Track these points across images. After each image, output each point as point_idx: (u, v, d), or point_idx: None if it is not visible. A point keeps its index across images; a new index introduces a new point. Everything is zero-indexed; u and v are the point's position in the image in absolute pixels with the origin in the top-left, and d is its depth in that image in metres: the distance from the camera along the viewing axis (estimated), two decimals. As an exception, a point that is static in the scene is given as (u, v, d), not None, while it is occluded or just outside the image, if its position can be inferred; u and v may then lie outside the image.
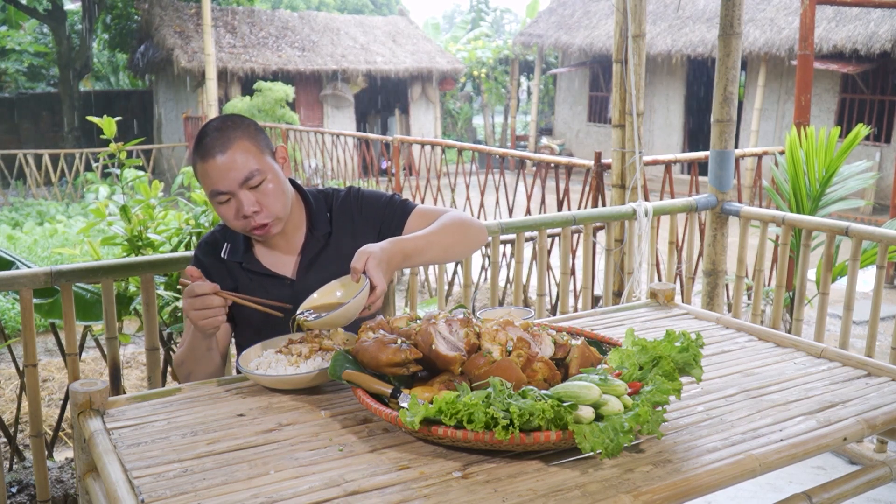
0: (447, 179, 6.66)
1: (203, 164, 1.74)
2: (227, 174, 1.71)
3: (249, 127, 1.77)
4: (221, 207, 1.76)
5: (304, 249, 1.87)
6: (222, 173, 1.71)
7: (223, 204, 1.75)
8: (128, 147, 3.15)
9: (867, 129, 4.29)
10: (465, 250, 1.90)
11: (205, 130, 1.76)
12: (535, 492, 1.14)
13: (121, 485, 1.15)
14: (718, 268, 3.58)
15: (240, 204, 1.73)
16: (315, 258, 1.87)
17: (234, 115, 1.81)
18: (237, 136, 1.73)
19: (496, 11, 27.69)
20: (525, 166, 6.60)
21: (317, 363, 1.53)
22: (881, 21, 10.46)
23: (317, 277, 1.83)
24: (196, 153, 1.77)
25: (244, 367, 1.55)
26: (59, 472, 3.00)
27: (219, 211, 1.77)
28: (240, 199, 1.72)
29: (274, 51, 14.56)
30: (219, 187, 1.72)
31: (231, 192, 1.72)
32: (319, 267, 1.86)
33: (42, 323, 4.83)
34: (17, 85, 18.22)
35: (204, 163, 1.73)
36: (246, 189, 1.73)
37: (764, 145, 12.05)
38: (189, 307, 1.59)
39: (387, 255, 1.61)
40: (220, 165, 1.71)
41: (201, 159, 1.74)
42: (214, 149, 1.72)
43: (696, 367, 1.37)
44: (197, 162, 1.76)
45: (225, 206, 1.75)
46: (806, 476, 3.01)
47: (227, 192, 1.72)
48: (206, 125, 1.78)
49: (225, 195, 1.73)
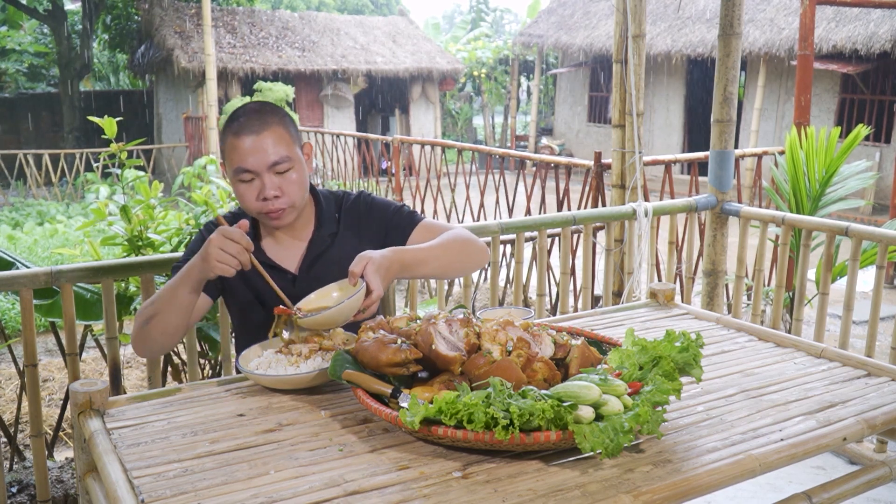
0: (447, 179, 6.66)
1: (235, 140, 1.75)
2: (257, 154, 1.74)
3: (285, 117, 1.82)
4: (242, 186, 1.77)
5: (311, 246, 1.89)
6: (253, 152, 1.74)
7: (245, 183, 1.77)
8: (128, 147, 3.15)
9: (867, 130, 4.29)
10: (465, 269, 1.92)
11: (242, 109, 1.79)
12: (535, 492, 1.14)
13: (121, 485, 1.15)
14: (718, 268, 3.58)
15: (263, 186, 1.75)
16: (319, 255, 1.89)
17: (270, 103, 1.84)
18: (274, 122, 1.77)
19: (496, 11, 27.68)
20: (525, 166, 6.60)
21: (317, 363, 1.54)
22: (881, 21, 10.46)
23: (319, 275, 1.85)
24: (229, 129, 1.78)
25: (244, 367, 1.56)
26: (59, 472, 3.00)
27: (238, 189, 1.79)
28: (264, 181, 1.75)
29: (274, 51, 14.56)
30: (245, 165, 1.74)
31: (257, 172, 1.75)
32: (323, 264, 1.88)
33: (42, 323, 4.84)
34: (17, 85, 18.22)
35: (236, 138, 1.75)
36: (272, 173, 1.76)
37: (764, 145, 12.05)
38: (218, 244, 1.55)
39: (386, 262, 1.62)
40: (253, 144, 1.74)
41: (234, 135, 1.76)
42: (250, 128, 1.75)
43: (696, 367, 1.37)
44: (228, 137, 1.77)
45: (247, 185, 1.77)
46: (806, 476, 3.01)
47: (253, 171, 1.75)
48: (243, 106, 1.81)
49: (250, 174, 1.75)
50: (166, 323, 1.71)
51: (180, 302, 1.69)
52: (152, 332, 1.72)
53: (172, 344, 1.80)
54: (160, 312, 1.71)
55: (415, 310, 3.07)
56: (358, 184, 9.63)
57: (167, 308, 1.70)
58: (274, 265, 1.87)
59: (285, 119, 1.81)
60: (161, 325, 1.71)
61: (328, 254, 1.90)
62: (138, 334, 1.76)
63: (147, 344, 1.77)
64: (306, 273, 1.87)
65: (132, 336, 1.78)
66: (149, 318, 1.72)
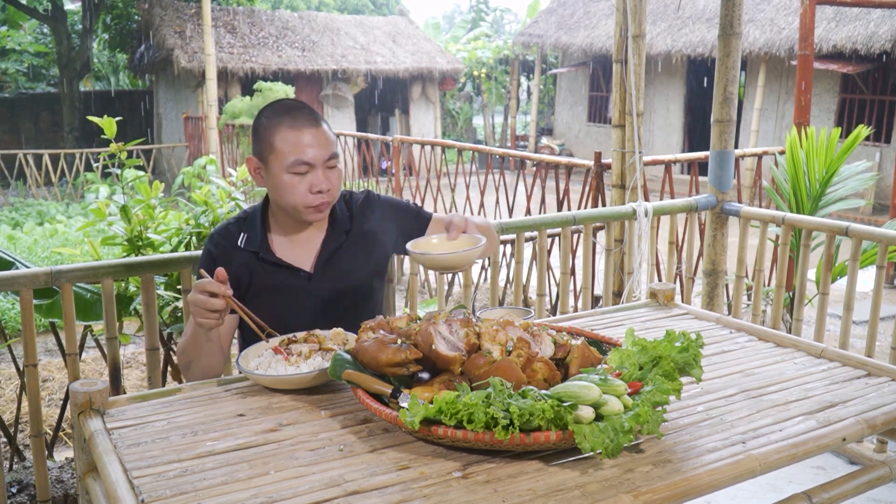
0: (447, 179, 6.66)
1: (293, 133, 1.76)
2: (316, 148, 1.77)
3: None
4: (295, 178, 1.78)
5: (325, 244, 1.91)
6: (312, 145, 1.76)
7: (299, 175, 1.78)
8: (128, 147, 3.15)
9: (868, 130, 4.29)
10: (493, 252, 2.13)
11: (288, 104, 1.82)
12: (535, 492, 1.14)
13: (121, 485, 1.15)
14: (718, 268, 3.58)
15: (317, 179, 1.78)
16: (334, 253, 1.91)
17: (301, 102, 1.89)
18: (321, 118, 1.82)
19: (496, 11, 27.69)
20: (525, 166, 6.60)
21: (316, 363, 1.54)
22: (881, 21, 10.46)
23: (334, 272, 1.89)
24: (283, 120, 1.78)
25: (244, 366, 1.56)
26: (59, 472, 3.00)
27: (287, 181, 1.78)
28: (318, 175, 1.78)
29: (274, 51, 14.55)
30: (305, 157, 1.76)
31: (315, 164, 1.77)
32: (337, 262, 1.91)
33: (42, 323, 4.83)
34: (17, 85, 18.21)
35: (296, 131, 1.76)
36: (325, 167, 1.79)
37: (764, 145, 12.05)
38: (193, 302, 1.60)
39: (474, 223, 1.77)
40: (315, 137, 1.77)
41: (291, 128, 1.76)
42: (309, 120, 1.78)
43: (696, 367, 1.37)
44: (281, 130, 1.77)
45: (300, 178, 1.78)
46: (806, 476, 3.01)
47: (311, 163, 1.77)
48: (284, 100, 1.84)
49: (307, 167, 1.77)
50: (205, 363, 1.79)
51: (203, 343, 1.75)
52: (197, 374, 1.80)
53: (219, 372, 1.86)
54: (195, 360, 1.79)
55: (415, 310, 3.07)
56: (358, 184, 9.62)
57: (197, 352, 1.78)
58: (287, 265, 1.89)
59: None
60: (201, 369, 1.79)
61: (342, 251, 1.92)
62: (186, 376, 1.84)
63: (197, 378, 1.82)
64: (321, 271, 1.89)
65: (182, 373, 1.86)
66: (187, 365, 1.81)
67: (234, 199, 3.22)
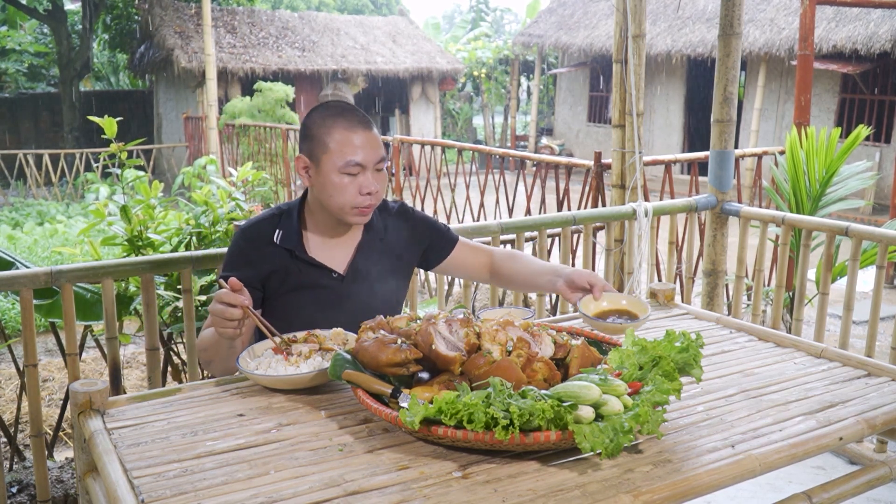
0: (447, 179, 6.66)
1: (348, 133, 1.77)
2: (369, 150, 1.78)
3: None
4: (346, 179, 1.78)
5: (361, 248, 1.93)
6: (366, 147, 1.78)
7: (351, 176, 1.79)
8: (128, 147, 3.15)
9: (868, 130, 4.28)
10: None
11: (343, 106, 1.82)
12: (535, 492, 1.14)
13: (121, 485, 1.15)
14: (718, 268, 3.58)
15: (367, 181, 1.79)
16: (368, 258, 1.93)
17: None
18: (373, 123, 1.83)
19: (496, 11, 27.69)
20: (525, 166, 6.60)
21: (316, 363, 1.54)
22: (881, 21, 10.46)
23: (365, 276, 1.91)
24: (337, 121, 1.79)
25: (244, 366, 1.56)
26: (59, 472, 3.00)
27: (338, 182, 1.78)
28: (368, 177, 1.79)
29: (274, 51, 14.55)
30: (359, 159, 1.77)
31: (366, 166, 1.79)
32: (369, 267, 1.93)
33: (42, 323, 4.83)
34: (17, 85, 18.21)
35: (351, 132, 1.77)
36: (375, 170, 1.81)
37: (764, 145, 12.05)
38: (214, 313, 1.61)
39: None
40: (367, 140, 1.78)
41: (346, 129, 1.78)
42: (363, 123, 1.79)
43: (696, 367, 1.37)
44: (338, 130, 1.78)
45: (352, 178, 1.79)
46: (806, 476, 3.01)
47: (364, 165, 1.78)
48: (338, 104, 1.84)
49: (359, 168, 1.78)
50: (226, 368, 1.79)
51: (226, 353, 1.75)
52: (218, 368, 1.81)
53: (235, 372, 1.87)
54: (214, 360, 1.79)
55: (415, 310, 3.07)
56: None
57: (218, 357, 1.78)
58: (319, 265, 1.89)
59: None
60: (221, 369, 1.80)
61: (375, 257, 1.94)
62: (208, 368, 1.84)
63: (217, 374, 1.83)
64: (353, 274, 1.91)
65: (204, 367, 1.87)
66: (209, 362, 1.81)
67: (235, 199, 3.22)
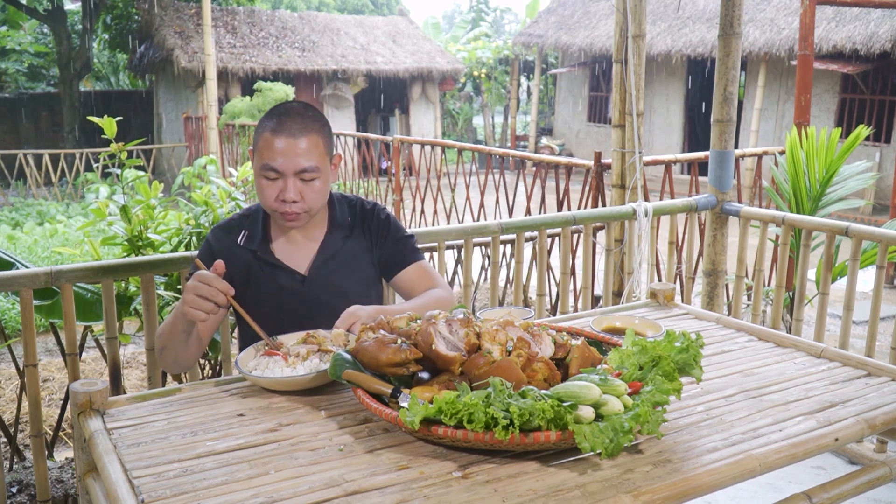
0: (447, 179, 6.66)
1: (271, 137, 1.77)
2: (288, 157, 1.76)
3: (326, 126, 1.84)
4: (265, 182, 1.79)
5: (322, 248, 1.92)
6: (284, 154, 1.76)
7: (269, 180, 1.79)
8: (128, 147, 3.14)
9: (868, 130, 4.28)
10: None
11: (287, 108, 1.80)
12: (535, 492, 1.14)
13: (121, 485, 1.15)
14: (718, 268, 3.58)
15: (285, 188, 1.77)
16: (330, 258, 1.92)
17: (314, 107, 1.86)
18: (314, 129, 1.79)
19: (496, 11, 27.68)
20: (525, 166, 6.60)
21: (314, 365, 1.53)
22: (881, 21, 10.46)
23: (328, 276, 1.89)
24: (267, 123, 1.79)
25: (243, 368, 1.56)
26: (59, 472, 3.00)
27: (260, 184, 1.80)
28: (287, 184, 1.77)
29: (274, 51, 14.55)
30: (274, 164, 1.76)
31: (283, 173, 1.77)
32: (333, 266, 1.91)
33: (42, 323, 4.83)
34: (17, 85, 18.21)
35: (273, 136, 1.76)
36: (298, 178, 1.78)
37: (764, 145, 12.05)
38: (192, 290, 1.59)
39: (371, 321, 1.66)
40: (287, 146, 1.75)
41: (272, 131, 1.77)
42: (290, 129, 1.76)
43: (696, 367, 1.37)
44: (265, 131, 1.78)
45: (270, 182, 1.79)
46: (806, 476, 3.01)
47: (279, 171, 1.77)
48: (290, 103, 1.82)
49: (275, 174, 1.77)
50: (176, 354, 1.80)
51: (181, 339, 1.76)
52: (167, 360, 1.82)
53: (191, 364, 1.88)
54: (168, 347, 1.79)
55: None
56: (358, 184, 9.62)
57: (172, 343, 1.78)
58: (283, 266, 1.89)
59: (325, 128, 1.83)
60: (172, 355, 1.80)
61: (338, 256, 1.92)
62: (159, 358, 1.85)
63: (166, 366, 1.88)
64: (316, 274, 1.90)
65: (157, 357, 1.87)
66: (161, 349, 1.81)
67: (235, 199, 3.22)
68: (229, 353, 2.55)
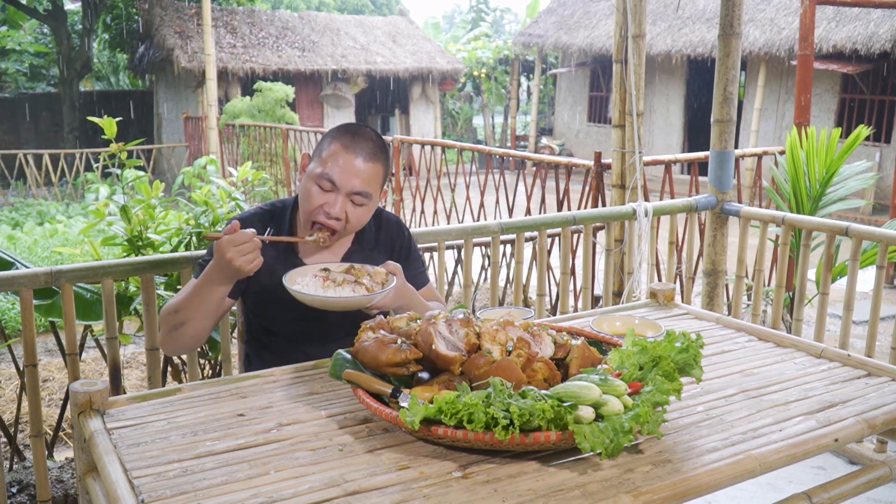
0: (447, 179, 6.66)
1: (341, 149, 1.80)
2: (349, 175, 1.79)
3: (389, 160, 1.88)
4: (314, 189, 1.81)
5: (348, 256, 1.95)
6: (348, 171, 1.79)
7: (321, 189, 1.80)
8: (128, 147, 3.14)
9: (868, 131, 4.28)
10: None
11: (362, 130, 1.84)
12: (535, 492, 1.14)
13: (121, 485, 1.15)
14: (718, 268, 3.58)
15: (334, 203, 1.80)
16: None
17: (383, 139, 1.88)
18: (381, 160, 1.83)
19: (496, 11, 27.69)
20: (525, 166, 6.60)
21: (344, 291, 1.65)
22: (881, 21, 10.46)
23: None
24: (341, 137, 1.82)
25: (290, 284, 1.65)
26: (59, 472, 3.00)
27: (309, 189, 1.82)
28: (337, 200, 1.80)
29: (274, 51, 14.55)
30: (333, 176, 1.79)
31: (338, 188, 1.79)
32: None
33: (42, 323, 4.83)
34: (17, 85, 18.21)
35: (344, 149, 1.80)
36: (349, 198, 1.80)
37: (764, 145, 12.05)
38: (237, 253, 1.64)
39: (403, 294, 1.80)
40: (353, 164, 1.79)
41: (344, 146, 1.80)
42: (361, 150, 1.80)
43: (696, 367, 1.37)
44: (336, 142, 1.81)
45: (320, 191, 1.80)
46: (806, 476, 3.01)
47: (337, 185, 1.79)
48: (365, 128, 1.86)
49: (330, 185, 1.79)
50: (198, 328, 1.80)
51: (212, 307, 1.77)
52: (184, 336, 1.80)
53: (203, 341, 1.88)
54: (192, 320, 1.78)
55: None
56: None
57: (199, 315, 1.78)
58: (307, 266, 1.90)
59: (388, 162, 1.87)
60: (192, 329, 1.79)
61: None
62: (168, 339, 1.83)
63: (178, 347, 1.86)
64: None
65: (162, 339, 1.86)
66: (179, 325, 1.80)
67: (235, 199, 3.22)
68: (229, 353, 2.55)
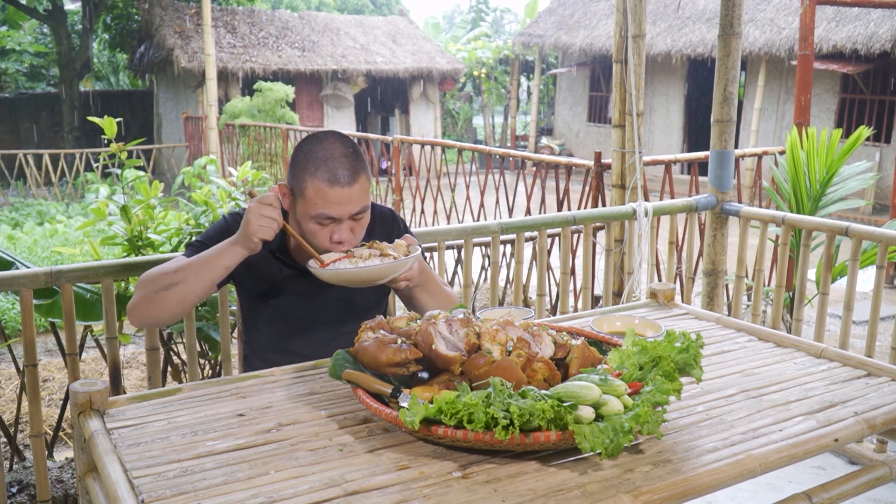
0: (447, 179, 6.66)
1: (325, 187, 1.72)
2: (346, 205, 1.74)
3: (364, 159, 1.80)
4: (316, 227, 1.76)
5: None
6: (341, 203, 1.73)
7: (323, 226, 1.76)
8: (128, 147, 3.14)
9: (869, 131, 4.28)
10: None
11: (331, 152, 1.75)
12: (535, 492, 1.14)
13: (121, 485, 1.15)
14: (718, 268, 3.58)
15: (339, 230, 1.76)
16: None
17: (350, 140, 1.81)
18: (361, 170, 1.76)
19: (496, 11, 27.69)
20: (525, 166, 6.60)
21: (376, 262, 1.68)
22: (881, 21, 10.46)
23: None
24: (319, 173, 1.73)
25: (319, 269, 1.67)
26: (59, 472, 3.00)
27: (311, 228, 1.77)
28: (341, 227, 1.76)
29: (274, 51, 14.56)
30: (332, 213, 1.74)
31: (341, 219, 1.76)
32: None
33: (42, 323, 4.83)
34: (17, 85, 18.22)
35: (328, 186, 1.72)
36: (351, 220, 1.77)
37: (764, 145, 12.05)
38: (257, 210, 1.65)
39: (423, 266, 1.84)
40: (343, 196, 1.73)
41: (326, 182, 1.72)
42: (343, 178, 1.73)
43: (696, 367, 1.37)
44: (317, 181, 1.73)
45: (321, 227, 1.76)
46: (806, 476, 3.01)
47: (338, 219, 1.75)
48: (331, 146, 1.76)
49: (330, 220, 1.75)
50: (187, 293, 1.72)
51: (212, 275, 1.72)
52: (169, 299, 1.72)
53: (180, 316, 1.79)
54: (185, 282, 1.71)
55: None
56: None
57: (195, 279, 1.72)
58: (300, 267, 1.89)
59: (365, 163, 1.80)
60: (181, 293, 1.72)
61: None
62: (148, 300, 1.73)
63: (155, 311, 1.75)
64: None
65: (136, 302, 1.75)
66: (168, 286, 1.71)
67: (234, 199, 3.23)
68: (229, 353, 2.55)
